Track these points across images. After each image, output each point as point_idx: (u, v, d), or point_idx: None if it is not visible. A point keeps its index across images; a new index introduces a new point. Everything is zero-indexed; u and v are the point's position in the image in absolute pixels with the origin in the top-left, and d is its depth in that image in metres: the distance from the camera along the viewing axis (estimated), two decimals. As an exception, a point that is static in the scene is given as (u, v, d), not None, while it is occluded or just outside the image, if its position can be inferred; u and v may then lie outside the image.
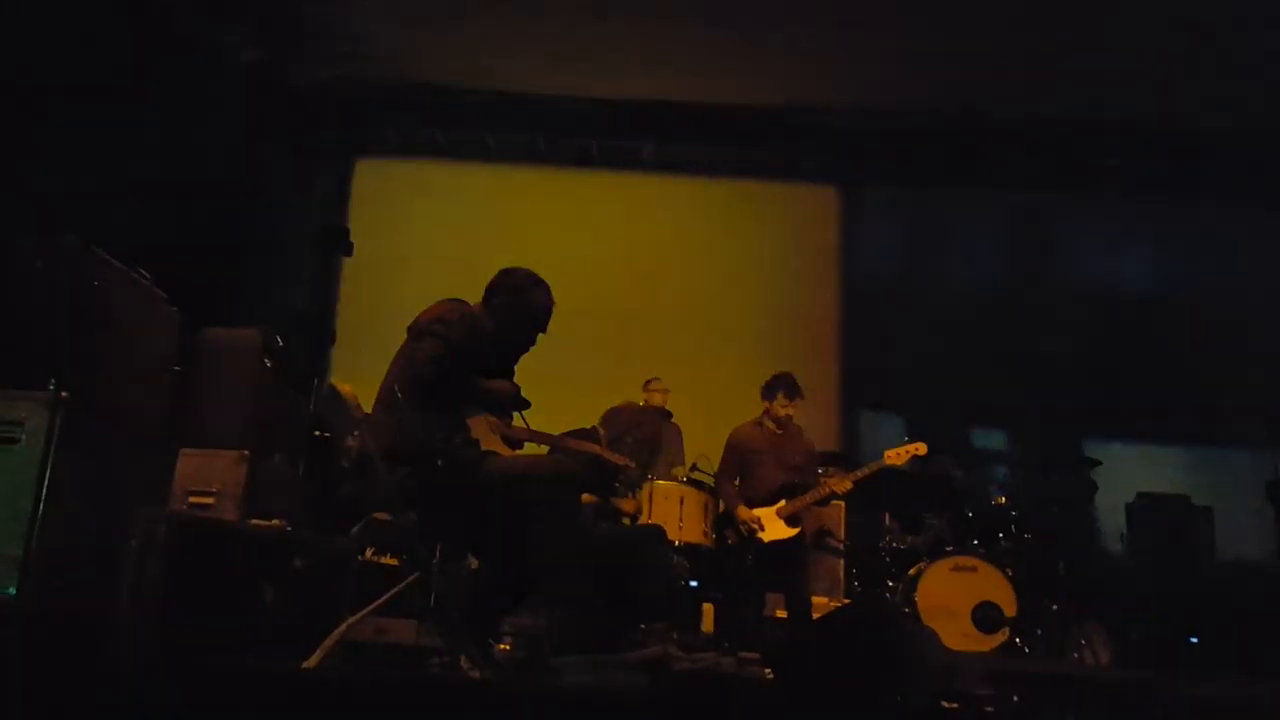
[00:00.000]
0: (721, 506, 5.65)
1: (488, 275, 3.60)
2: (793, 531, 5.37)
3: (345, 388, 3.30)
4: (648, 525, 5.41)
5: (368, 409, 3.35)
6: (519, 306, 3.52)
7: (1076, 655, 5.76)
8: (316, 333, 7.69)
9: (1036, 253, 7.59)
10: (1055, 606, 5.81)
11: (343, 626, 2.91)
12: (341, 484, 3.85)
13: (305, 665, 2.84)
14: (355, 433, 3.25)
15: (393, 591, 3.04)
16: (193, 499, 4.46)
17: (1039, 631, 5.67)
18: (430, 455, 3.18)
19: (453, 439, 3.29)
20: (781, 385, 5.58)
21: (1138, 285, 7.44)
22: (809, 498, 5.40)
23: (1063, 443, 6.89)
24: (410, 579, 3.10)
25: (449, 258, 7.24)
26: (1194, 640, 6.02)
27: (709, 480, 5.92)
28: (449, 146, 7.99)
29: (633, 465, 4.97)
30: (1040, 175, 7.49)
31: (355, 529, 3.21)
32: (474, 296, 3.57)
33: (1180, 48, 6.29)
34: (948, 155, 7.62)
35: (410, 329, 3.37)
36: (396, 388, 3.26)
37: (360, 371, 3.77)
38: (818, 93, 7.30)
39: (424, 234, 7.79)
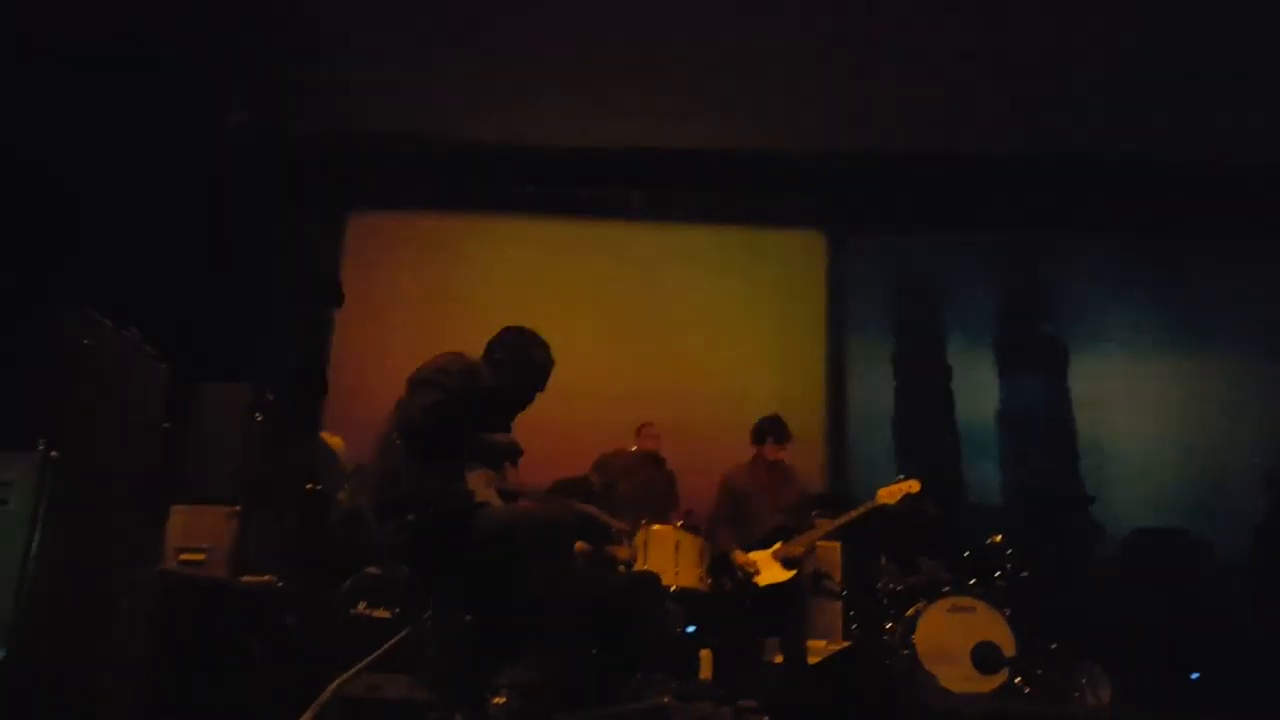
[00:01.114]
0: (717, 550, 5.62)
1: (479, 325, 3.64)
2: (789, 574, 5.33)
3: (334, 440, 3.31)
4: (642, 572, 5.37)
5: (358, 460, 3.35)
6: (521, 363, 3.57)
7: (1077, 695, 5.71)
8: (308, 386, 7.70)
9: (1026, 294, 7.65)
10: (1054, 645, 5.77)
11: (334, 684, 2.88)
12: (333, 538, 3.83)
13: (297, 724, 2.81)
14: (346, 486, 3.25)
15: (385, 647, 3.01)
16: (183, 556, 4.42)
17: (1039, 671, 5.63)
18: (423, 507, 3.18)
19: (448, 489, 3.28)
20: (770, 430, 5.59)
21: (1127, 329, 7.48)
22: (805, 540, 5.37)
23: (1058, 480, 6.91)
24: (403, 634, 3.08)
25: (440, 310, 7.28)
26: (1195, 677, 5.99)
27: (703, 524, 5.89)
28: (439, 199, 8.05)
29: (626, 528, 4.95)
30: (1030, 218, 7.54)
31: (347, 583, 3.19)
32: (466, 346, 3.59)
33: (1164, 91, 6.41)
34: (935, 199, 7.70)
35: (410, 379, 3.39)
36: (397, 438, 3.27)
37: (352, 424, 3.79)
38: (802, 137, 7.39)
39: (414, 286, 7.83)
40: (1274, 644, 5.54)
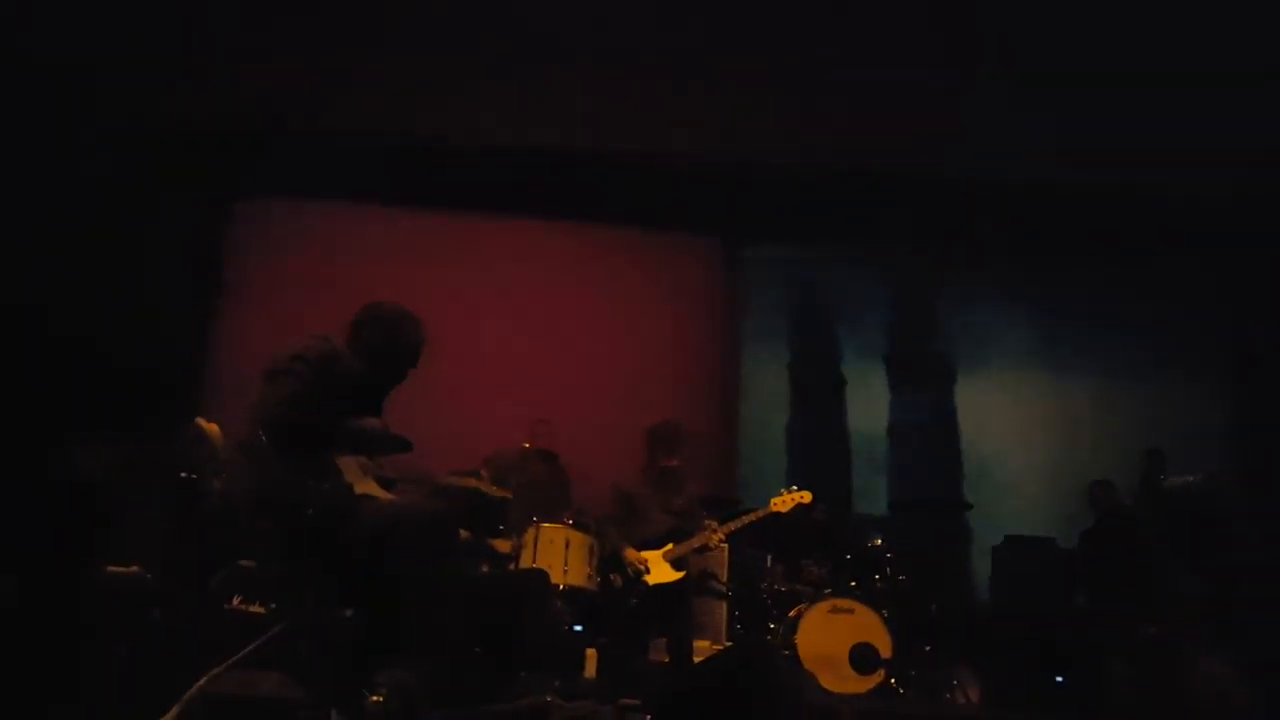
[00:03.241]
0: (606, 550, 5.62)
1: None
2: (678, 575, 5.39)
3: (211, 427, 3.17)
4: (530, 570, 5.34)
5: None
6: (389, 341, 3.42)
7: (949, 695, 5.92)
8: (188, 373, 7.41)
9: (917, 310, 7.87)
10: (928, 647, 5.96)
11: (201, 680, 2.76)
12: (207, 529, 3.68)
13: (161, 722, 2.69)
14: (222, 474, 3.12)
15: (256, 643, 2.91)
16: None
17: (913, 672, 5.80)
18: (297, 502, 3.07)
19: (321, 484, 3.17)
20: (662, 439, 5.63)
21: (1009, 346, 7.76)
22: (694, 542, 5.43)
23: (935, 487, 7.14)
24: (274, 630, 2.97)
25: (328, 300, 7.08)
26: (1060, 680, 6.26)
27: (594, 523, 5.89)
28: (329, 188, 7.83)
29: (510, 497, 4.90)
30: (923, 232, 7.72)
31: (218, 577, 3.07)
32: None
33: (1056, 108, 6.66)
34: (829, 213, 7.84)
35: (266, 366, 3.22)
36: (259, 429, 3.12)
37: (235, 412, 3.63)
38: (700, 143, 7.44)
39: (302, 275, 7.60)
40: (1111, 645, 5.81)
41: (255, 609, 3.23)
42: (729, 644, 5.96)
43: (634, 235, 8.06)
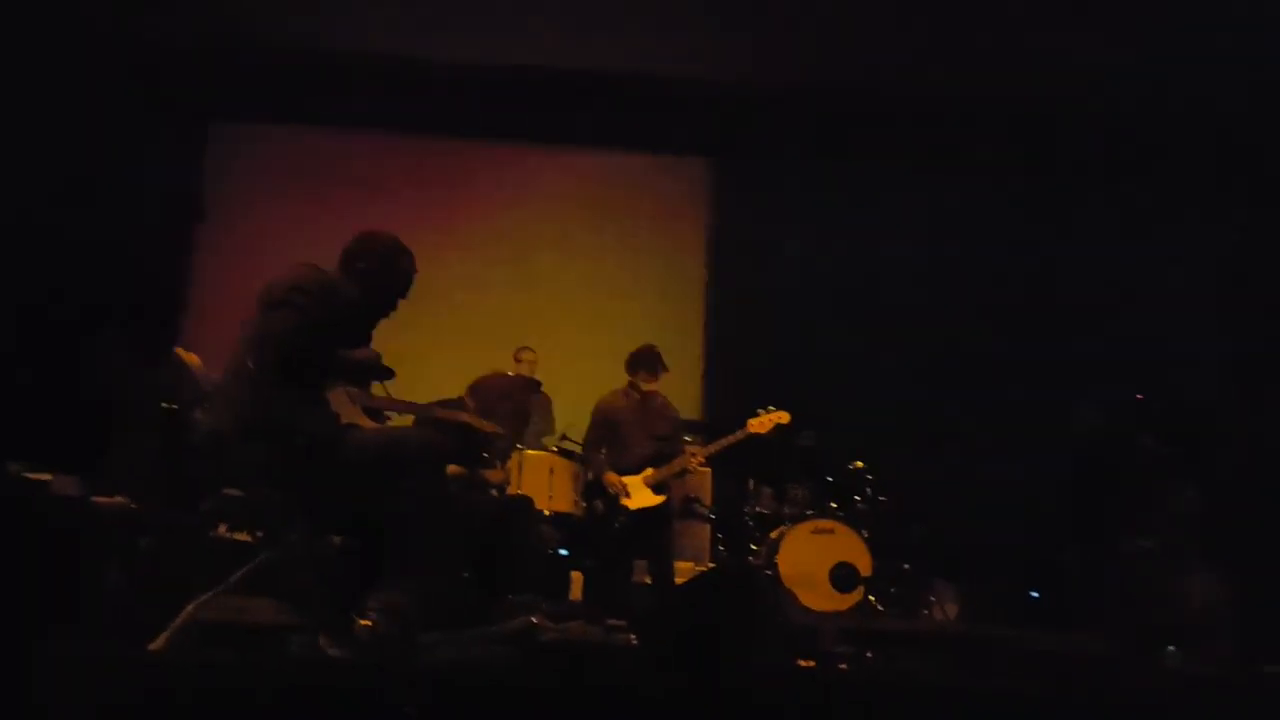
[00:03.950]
0: (590, 475, 5.68)
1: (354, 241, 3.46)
2: (659, 499, 5.45)
3: (190, 357, 3.14)
4: (515, 496, 5.40)
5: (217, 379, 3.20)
6: (385, 273, 3.39)
7: (926, 612, 6.08)
8: (167, 300, 7.34)
9: (904, 229, 7.75)
10: (906, 566, 6.10)
11: (190, 607, 2.80)
12: (192, 459, 3.68)
13: (152, 648, 2.73)
14: (204, 405, 3.11)
15: (243, 570, 2.94)
16: (29, 474, 4.19)
17: (892, 590, 5.95)
18: (289, 430, 3.07)
19: (312, 412, 3.18)
20: (643, 363, 5.63)
21: (996, 263, 7.66)
22: (674, 466, 5.49)
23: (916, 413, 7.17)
24: (262, 558, 3.00)
25: (309, 227, 7.00)
26: (1035, 596, 6.43)
27: (578, 449, 5.93)
28: (310, 112, 7.67)
29: (502, 432, 4.93)
30: (913, 152, 7.60)
31: (205, 505, 3.08)
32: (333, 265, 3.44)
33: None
34: (818, 129, 7.73)
35: (261, 297, 3.18)
36: (250, 360, 3.10)
37: (216, 341, 3.60)
38: (687, 63, 7.30)
39: (283, 202, 7.49)
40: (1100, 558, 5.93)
41: (242, 537, 3.27)
42: (711, 565, 6.08)
43: (615, 158, 7.96)
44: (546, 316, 7.48)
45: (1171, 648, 4.85)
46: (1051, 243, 7.56)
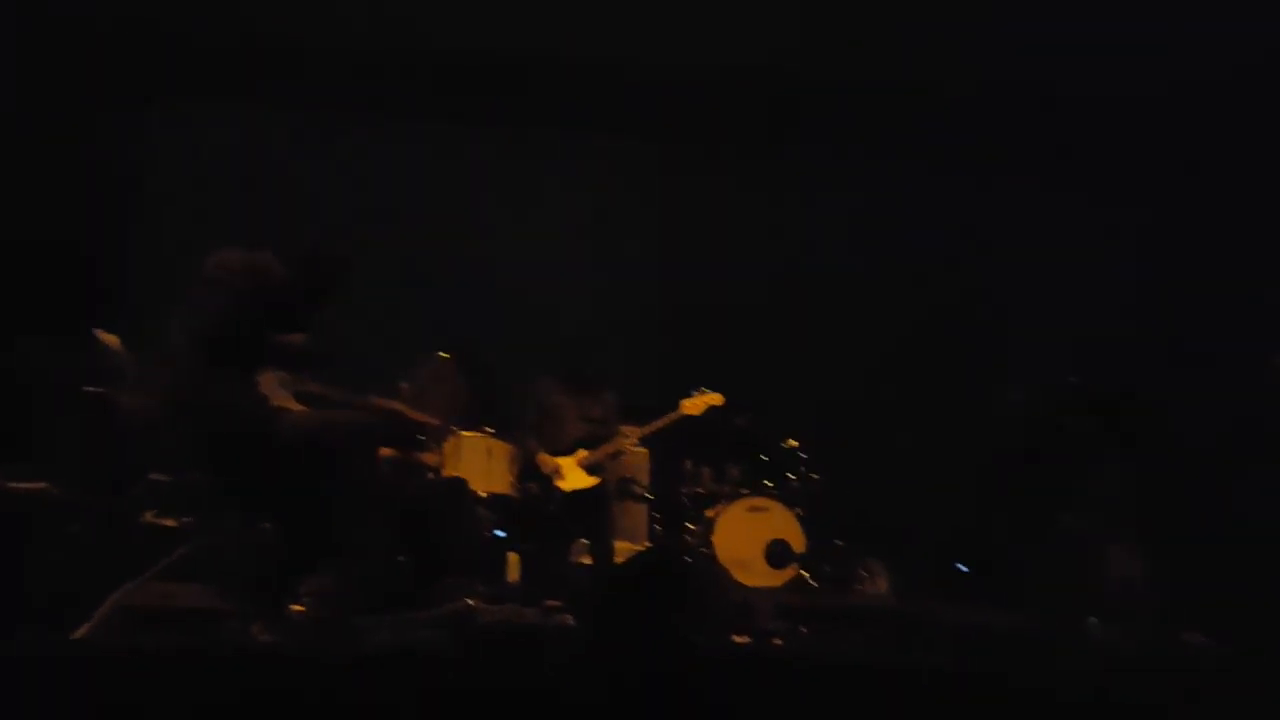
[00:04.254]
0: (526, 457, 5.70)
1: (288, 225, 3.42)
2: (593, 481, 5.50)
3: (110, 339, 3.07)
4: (449, 478, 5.38)
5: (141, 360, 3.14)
6: (320, 259, 3.36)
7: (859, 587, 6.21)
8: (97, 280, 7.11)
9: (836, 213, 7.83)
10: (839, 543, 6.22)
11: (116, 593, 2.75)
12: (118, 443, 3.61)
13: (75, 635, 2.68)
14: (129, 387, 3.05)
15: (172, 557, 2.89)
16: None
17: (825, 567, 6.06)
18: (218, 413, 3.03)
19: (242, 396, 3.13)
20: (579, 347, 5.70)
21: (927, 245, 7.78)
22: (608, 448, 5.56)
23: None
24: (190, 544, 2.96)
25: (247, 206, 6.84)
26: (964, 569, 6.59)
27: (513, 433, 5.94)
28: (246, 89, 7.45)
29: (435, 422, 4.91)
30: (855, 137, 7.63)
31: (133, 491, 3.03)
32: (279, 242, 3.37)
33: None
34: (767, 114, 7.71)
35: (193, 280, 3.14)
36: (178, 340, 3.06)
37: (154, 324, 3.52)
38: (635, 47, 7.23)
39: (220, 180, 7.29)
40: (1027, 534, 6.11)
41: (169, 522, 3.21)
42: (646, 545, 6.13)
43: (563, 139, 7.89)
44: (487, 298, 7.41)
45: (1093, 619, 5.03)
46: (982, 226, 7.72)
